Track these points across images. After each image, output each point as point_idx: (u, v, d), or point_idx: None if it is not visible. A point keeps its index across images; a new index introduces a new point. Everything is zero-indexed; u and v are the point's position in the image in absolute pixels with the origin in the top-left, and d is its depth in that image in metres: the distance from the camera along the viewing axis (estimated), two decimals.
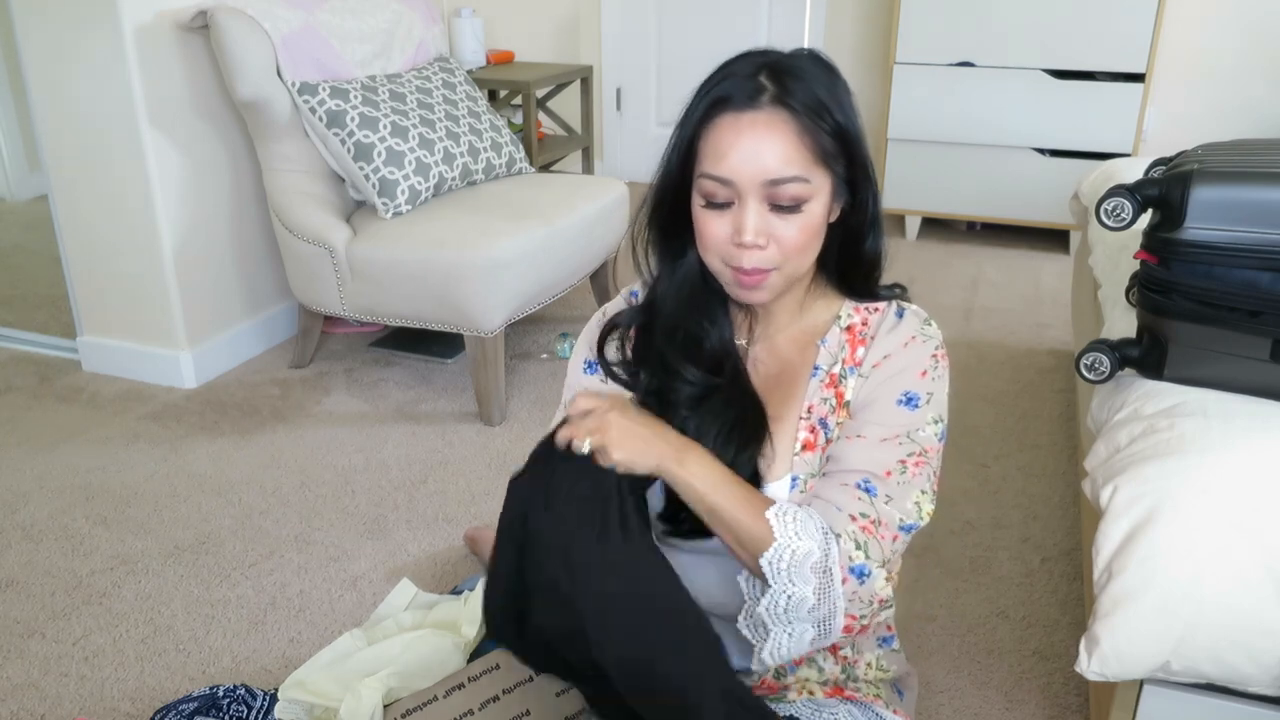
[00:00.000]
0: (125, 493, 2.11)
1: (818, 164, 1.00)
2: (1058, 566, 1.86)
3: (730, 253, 1.03)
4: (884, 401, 1.07)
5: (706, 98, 1.01)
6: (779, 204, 1.00)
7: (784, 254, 1.02)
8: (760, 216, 1.00)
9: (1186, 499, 1.14)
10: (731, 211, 1.01)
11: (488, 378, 2.37)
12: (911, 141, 3.68)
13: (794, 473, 1.10)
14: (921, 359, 1.08)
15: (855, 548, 1.00)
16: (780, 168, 0.98)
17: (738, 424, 1.09)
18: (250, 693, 1.43)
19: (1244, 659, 1.12)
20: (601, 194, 2.72)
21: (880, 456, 1.04)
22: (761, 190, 0.99)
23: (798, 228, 1.01)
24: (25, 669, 1.61)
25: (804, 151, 0.99)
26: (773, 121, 0.98)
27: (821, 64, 1.03)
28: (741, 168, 0.98)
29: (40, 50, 2.40)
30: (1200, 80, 3.67)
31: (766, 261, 1.02)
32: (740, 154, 0.98)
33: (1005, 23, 3.42)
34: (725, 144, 0.99)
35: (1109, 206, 1.35)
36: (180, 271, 2.53)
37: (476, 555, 1.87)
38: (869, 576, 1.00)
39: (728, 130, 0.99)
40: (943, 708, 1.52)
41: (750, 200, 1.00)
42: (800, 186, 0.99)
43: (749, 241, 1.00)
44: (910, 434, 1.05)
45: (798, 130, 0.98)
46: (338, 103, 2.44)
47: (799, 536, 0.98)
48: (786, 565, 0.98)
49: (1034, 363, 2.73)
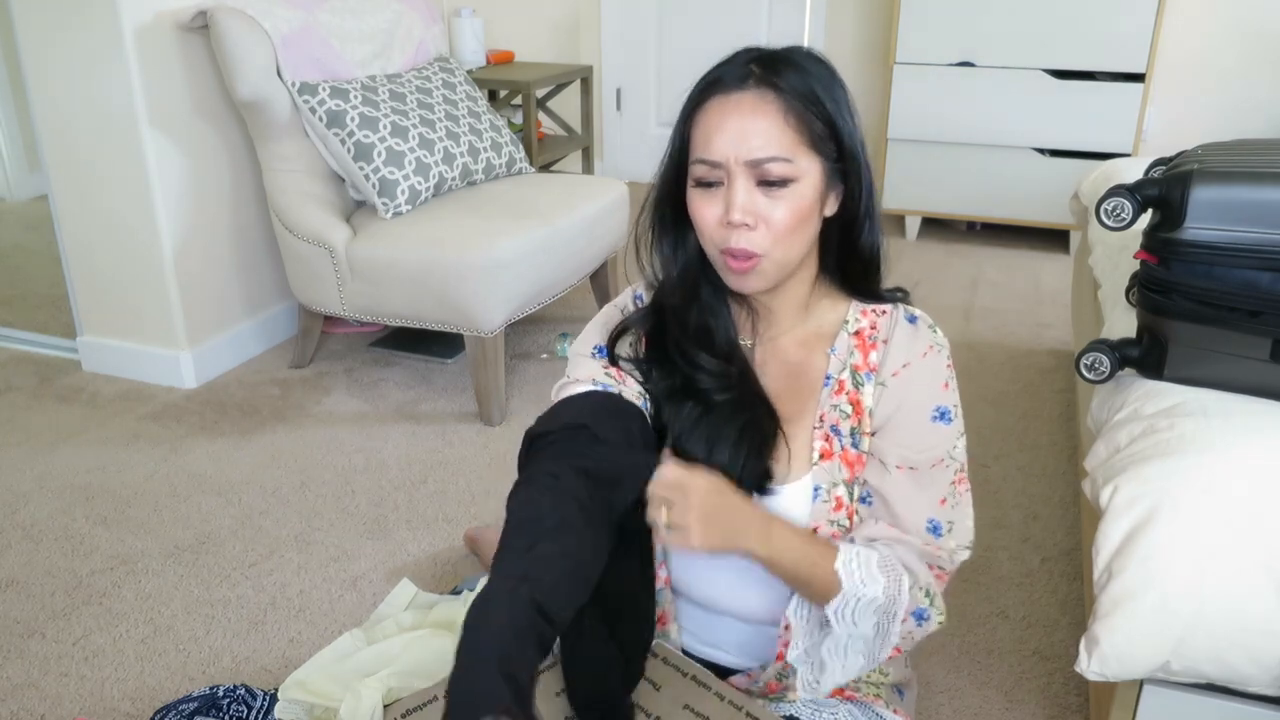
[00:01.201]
0: (125, 493, 2.11)
1: (805, 147, 1.01)
2: (1058, 566, 1.86)
3: (722, 235, 1.03)
4: (917, 419, 1.08)
5: (699, 86, 1.04)
6: (767, 180, 1.00)
7: (774, 236, 1.02)
8: (748, 194, 1.01)
9: (1186, 499, 1.14)
10: (722, 192, 1.02)
11: (488, 378, 2.37)
12: (911, 141, 3.68)
13: (816, 482, 1.10)
14: (940, 370, 1.10)
15: (924, 595, 1.07)
16: (765, 145, 0.99)
17: (749, 428, 1.09)
18: (250, 693, 1.43)
19: (1244, 659, 1.12)
20: (601, 194, 2.72)
21: (936, 489, 1.09)
22: (749, 169, 1.00)
23: (786, 208, 1.01)
24: (25, 669, 1.61)
25: (790, 132, 1.00)
26: (759, 101, 1.00)
27: (816, 59, 1.04)
28: (728, 147, 1.00)
29: (40, 50, 2.40)
30: (1200, 80, 3.67)
31: (756, 244, 1.02)
32: (727, 133, 1.00)
33: (1005, 23, 3.42)
34: (713, 125, 1.01)
35: (1109, 206, 1.35)
36: (180, 271, 2.53)
37: (476, 555, 1.87)
38: (927, 621, 1.08)
39: (715, 112, 1.01)
40: (943, 708, 1.52)
41: (738, 179, 1.00)
42: (786, 166, 1.00)
43: (737, 219, 1.01)
44: (950, 453, 1.09)
45: (784, 110, 0.99)
46: (338, 103, 2.44)
47: (864, 584, 1.03)
48: (851, 611, 1.03)
49: (1034, 363, 2.73)
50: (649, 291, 1.18)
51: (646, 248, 1.15)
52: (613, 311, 1.20)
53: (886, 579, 1.03)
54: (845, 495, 1.10)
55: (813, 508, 1.10)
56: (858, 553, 1.04)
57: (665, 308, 1.14)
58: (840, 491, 1.10)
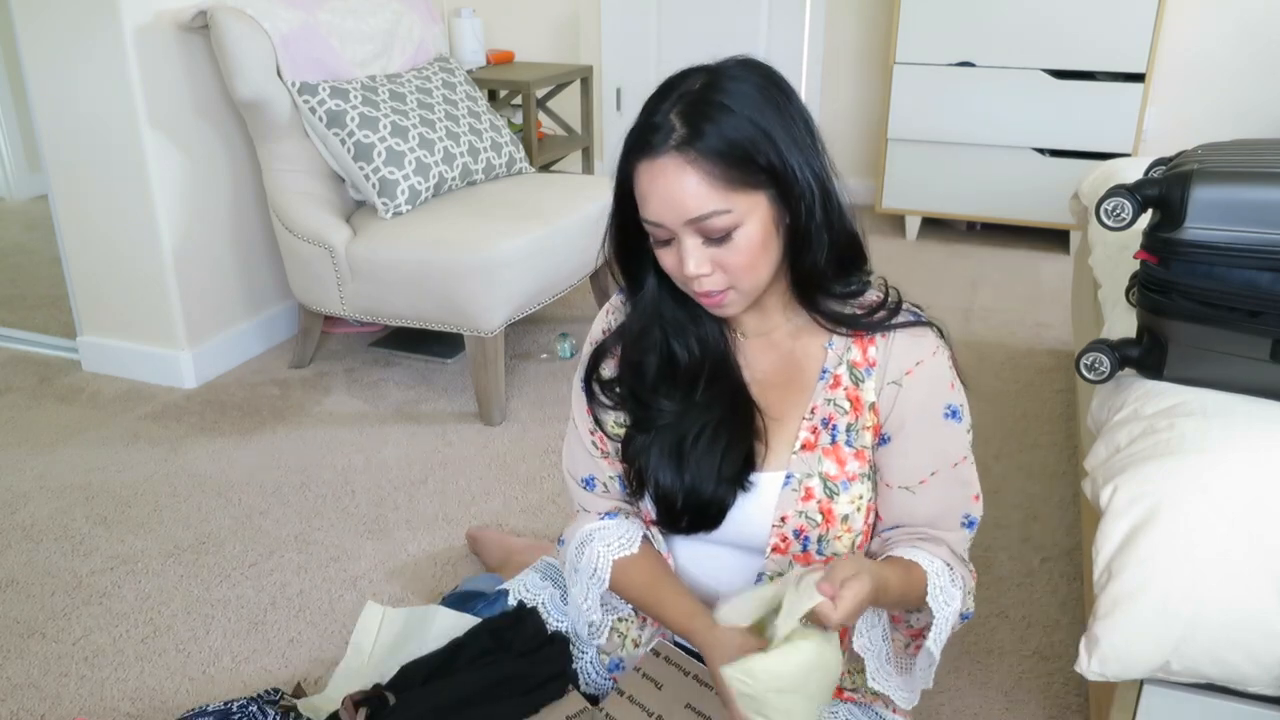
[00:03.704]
0: (125, 493, 2.11)
1: (738, 190, 0.99)
2: (1058, 566, 1.86)
3: (684, 281, 1.05)
4: (933, 416, 1.10)
5: (626, 143, 1.03)
6: (710, 237, 1.00)
7: (734, 275, 1.03)
8: (698, 250, 1.01)
9: (1186, 499, 1.14)
10: (675, 245, 1.03)
11: (488, 378, 2.37)
12: (911, 141, 3.68)
13: (790, 470, 1.12)
14: (946, 367, 1.11)
15: (971, 598, 1.14)
16: (697, 206, 0.98)
17: (724, 422, 1.12)
18: (262, 710, 1.42)
19: (1244, 659, 1.12)
20: (601, 194, 2.72)
21: (964, 488, 1.13)
22: (689, 227, 1.00)
23: (737, 253, 1.01)
24: (25, 669, 1.61)
25: (718, 184, 0.98)
26: (680, 165, 0.98)
27: (747, 79, 1.01)
28: (663, 210, 1.00)
29: (40, 50, 2.40)
30: (1200, 80, 3.67)
31: (719, 285, 1.04)
32: (658, 197, 1.00)
33: (1005, 23, 3.42)
34: (645, 190, 1.01)
35: (1109, 206, 1.35)
36: (180, 271, 2.53)
37: (477, 555, 1.87)
38: (966, 619, 1.14)
39: (645, 177, 1.01)
40: (943, 708, 1.52)
41: (684, 238, 1.01)
42: (723, 218, 0.99)
43: (692, 274, 1.02)
44: (968, 447, 1.13)
45: (709, 166, 0.98)
46: (338, 103, 2.44)
47: (947, 604, 1.07)
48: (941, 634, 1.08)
49: (1034, 363, 2.73)
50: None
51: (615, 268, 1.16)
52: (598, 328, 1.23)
53: (959, 592, 1.08)
54: (819, 487, 1.11)
55: (781, 495, 1.12)
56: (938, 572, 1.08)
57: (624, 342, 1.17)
58: (814, 483, 1.11)
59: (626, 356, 1.16)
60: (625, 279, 1.15)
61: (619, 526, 1.21)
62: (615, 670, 1.30)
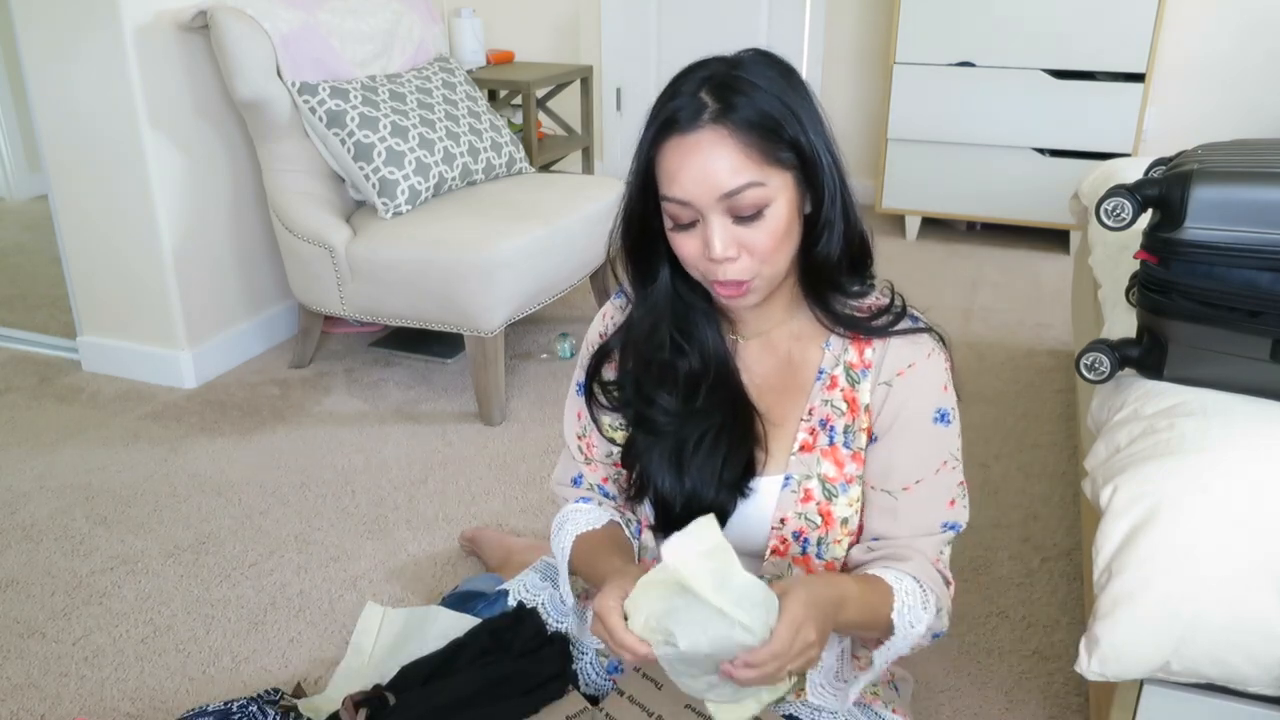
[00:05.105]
0: (125, 493, 2.11)
1: (771, 165, 0.99)
2: (1058, 566, 1.86)
3: (707, 268, 1.03)
4: (921, 420, 1.09)
5: (654, 124, 1.02)
6: (741, 215, 0.99)
7: (758, 260, 1.02)
8: (726, 229, 1.00)
9: (1186, 499, 1.14)
10: (699, 229, 1.02)
11: (488, 378, 2.37)
12: (911, 141, 3.68)
13: (789, 472, 1.12)
14: (940, 371, 1.10)
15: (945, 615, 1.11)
16: (731, 178, 0.98)
17: (725, 428, 1.11)
18: (262, 710, 1.42)
19: (1244, 659, 1.12)
20: (601, 194, 2.72)
21: (945, 493, 1.12)
22: (720, 205, 0.99)
23: (766, 233, 1.00)
24: (25, 669, 1.61)
25: (754, 156, 0.98)
26: (716, 137, 0.98)
27: (770, 63, 1.02)
28: (694, 187, 0.99)
29: (40, 50, 2.40)
30: (1200, 80, 3.67)
31: (743, 272, 1.02)
32: (690, 173, 0.99)
33: (1005, 23, 3.42)
34: (675, 166, 1.00)
35: (1109, 206, 1.35)
36: (180, 271, 2.53)
37: (476, 555, 1.87)
38: (939, 637, 1.12)
39: (675, 153, 1.00)
40: (943, 707, 1.52)
41: (712, 216, 1.00)
42: (757, 191, 0.98)
43: (719, 255, 1.00)
44: (952, 453, 1.11)
45: (743, 139, 0.98)
46: (338, 103, 2.44)
47: (912, 625, 1.05)
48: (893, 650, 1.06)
49: (1034, 363, 2.73)
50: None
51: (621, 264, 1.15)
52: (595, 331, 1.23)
53: (928, 614, 1.06)
54: (818, 489, 1.11)
55: (780, 496, 1.11)
56: (908, 591, 1.05)
57: (629, 340, 1.16)
58: (812, 484, 1.11)
59: (633, 353, 1.15)
60: (636, 272, 1.13)
61: (591, 510, 1.21)
62: (615, 671, 1.30)
